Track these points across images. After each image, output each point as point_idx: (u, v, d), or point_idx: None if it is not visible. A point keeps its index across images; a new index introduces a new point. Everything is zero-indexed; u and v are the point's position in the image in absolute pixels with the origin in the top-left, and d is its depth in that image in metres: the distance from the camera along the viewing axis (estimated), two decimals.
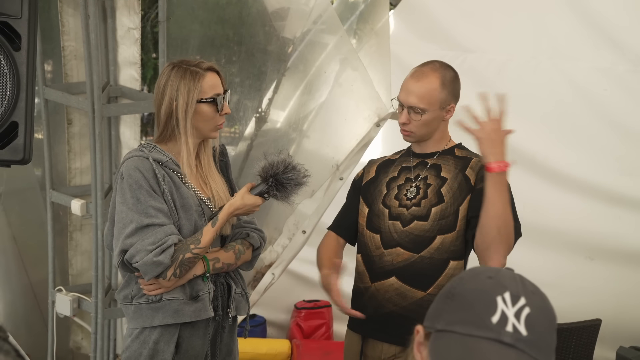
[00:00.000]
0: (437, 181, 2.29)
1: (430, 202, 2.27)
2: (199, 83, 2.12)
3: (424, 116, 2.26)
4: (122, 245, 2.06)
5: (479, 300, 0.98)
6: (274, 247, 3.60)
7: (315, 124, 3.61)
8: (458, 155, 2.33)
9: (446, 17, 3.91)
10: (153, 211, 2.05)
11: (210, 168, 2.23)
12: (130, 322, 2.19)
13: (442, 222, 2.25)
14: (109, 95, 3.17)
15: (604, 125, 3.84)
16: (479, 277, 1.02)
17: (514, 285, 1.00)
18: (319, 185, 3.29)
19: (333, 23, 3.46)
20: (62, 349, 3.49)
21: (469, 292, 1.00)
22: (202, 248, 2.10)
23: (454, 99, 2.31)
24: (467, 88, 3.80)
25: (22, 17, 1.55)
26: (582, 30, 3.78)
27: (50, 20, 3.19)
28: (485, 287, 1.00)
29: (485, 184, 2.12)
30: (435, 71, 2.28)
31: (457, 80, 2.32)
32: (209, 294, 2.16)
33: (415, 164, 2.36)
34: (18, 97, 1.57)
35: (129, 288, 2.18)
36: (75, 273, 3.54)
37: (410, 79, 2.30)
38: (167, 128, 2.15)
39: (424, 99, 2.25)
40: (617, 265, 3.84)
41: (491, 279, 1.01)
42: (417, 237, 2.26)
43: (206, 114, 2.14)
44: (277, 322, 4.23)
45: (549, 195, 3.85)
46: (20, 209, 3.66)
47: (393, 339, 2.25)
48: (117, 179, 2.12)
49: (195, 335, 2.16)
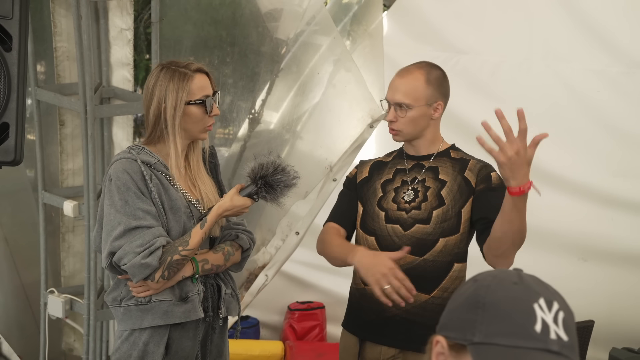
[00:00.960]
0: (436, 184, 2.28)
1: (431, 205, 2.26)
2: (188, 84, 2.10)
3: (410, 112, 2.26)
4: (110, 248, 2.05)
5: (516, 310, 0.98)
6: (267, 248, 3.59)
7: (309, 125, 3.61)
8: (454, 157, 2.33)
9: (439, 19, 3.91)
10: (141, 213, 2.04)
11: (199, 170, 2.22)
12: (119, 324, 2.18)
13: (444, 225, 2.24)
14: (102, 96, 3.16)
15: (598, 127, 3.85)
16: (504, 283, 1.01)
17: (543, 289, 1.00)
18: (313, 187, 3.29)
19: (326, 24, 3.46)
20: (54, 351, 3.47)
21: (502, 301, 0.99)
22: (190, 250, 2.09)
23: (442, 97, 2.30)
24: (460, 89, 3.80)
25: (13, 17, 1.55)
26: (575, 32, 3.79)
27: (43, 21, 3.17)
28: (518, 294, 0.99)
29: (505, 202, 2.03)
30: (420, 68, 2.30)
31: (444, 79, 2.32)
32: (199, 295, 2.15)
33: (411, 167, 2.34)
34: (9, 98, 1.57)
35: (117, 290, 2.17)
36: (67, 275, 3.53)
37: (396, 76, 2.32)
38: (155, 129, 2.14)
39: (409, 95, 2.26)
40: (610, 267, 3.85)
41: (517, 284, 1.00)
42: (419, 240, 2.24)
43: (195, 116, 2.13)
44: (271, 324, 4.22)
45: (543, 196, 3.83)
46: (12, 210, 3.65)
47: (392, 341, 2.24)
48: (106, 181, 2.12)
49: (185, 336, 2.15)
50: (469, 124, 3.86)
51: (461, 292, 1.05)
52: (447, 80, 2.33)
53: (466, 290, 1.03)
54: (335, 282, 3.80)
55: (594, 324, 3.43)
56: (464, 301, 1.02)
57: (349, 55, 3.41)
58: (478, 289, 1.02)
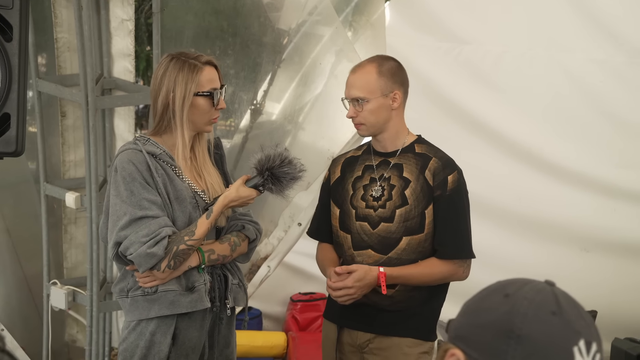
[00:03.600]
0: (400, 182, 2.32)
1: (394, 203, 2.31)
2: (197, 76, 2.11)
3: (367, 105, 2.29)
4: (116, 238, 2.05)
5: (555, 351, 0.93)
6: (270, 239, 3.59)
7: (311, 116, 3.61)
8: (418, 152, 2.35)
9: (442, 9, 3.89)
10: (147, 203, 2.05)
11: (205, 161, 2.23)
12: (127, 314, 2.18)
13: (407, 224, 2.29)
14: (103, 87, 3.15)
15: (600, 117, 3.83)
16: (542, 312, 0.95)
17: (583, 326, 0.95)
18: (315, 178, 3.28)
19: (328, 14, 3.45)
20: (57, 342, 3.48)
21: (540, 337, 0.93)
22: (196, 240, 2.09)
23: (397, 86, 2.32)
24: (463, 79, 3.79)
25: (13, 7, 1.54)
26: (578, 21, 3.77)
27: (44, 12, 3.16)
28: (557, 332, 0.93)
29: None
30: (372, 62, 2.34)
31: (398, 69, 2.34)
32: (205, 285, 2.15)
33: (378, 163, 2.38)
34: (10, 89, 1.56)
35: (124, 281, 2.17)
36: (69, 266, 3.53)
37: (350, 73, 2.36)
38: (163, 119, 2.15)
39: (362, 88, 2.30)
40: (612, 257, 3.84)
41: (556, 315, 0.95)
42: (384, 238, 2.31)
43: (202, 108, 2.13)
44: (273, 315, 4.22)
45: (545, 187, 3.85)
46: (14, 202, 3.65)
47: (366, 327, 2.36)
48: (112, 172, 2.13)
49: (192, 326, 2.15)
50: (472, 114, 3.86)
51: (488, 306, 0.97)
52: (403, 69, 2.36)
53: (497, 309, 0.96)
54: None
55: (596, 315, 3.42)
56: (493, 322, 0.95)
57: (351, 46, 3.40)
58: (513, 315, 0.95)
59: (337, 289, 2.26)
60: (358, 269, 2.26)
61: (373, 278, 2.25)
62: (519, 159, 3.81)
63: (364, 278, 2.24)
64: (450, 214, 2.29)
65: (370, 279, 2.24)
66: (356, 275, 2.24)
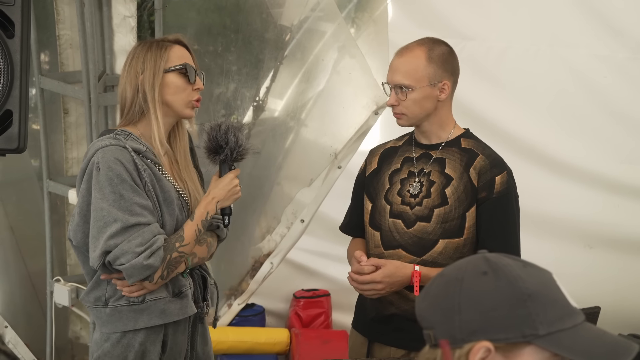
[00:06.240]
0: (441, 179, 2.10)
1: (432, 202, 2.09)
2: (166, 53, 1.96)
3: (412, 94, 2.06)
4: (104, 246, 1.88)
5: (554, 292, 0.99)
6: (273, 236, 3.59)
7: (314, 113, 3.60)
8: (464, 147, 2.13)
9: (444, 5, 3.88)
10: (138, 209, 1.89)
11: (187, 166, 2.08)
12: (104, 325, 2.02)
13: (445, 225, 2.08)
14: (105, 84, 3.15)
15: (604, 113, 3.82)
16: (517, 267, 1.00)
17: (540, 266, 1.03)
18: (317, 174, 3.28)
19: (331, 10, 3.44)
20: (61, 339, 3.48)
21: (540, 287, 0.99)
22: (186, 245, 1.97)
23: (448, 75, 2.09)
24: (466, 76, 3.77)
25: (15, 3, 1.54)
26: (581, 17, 3.76)
27: (46, 8, 3.16)
28: (543, 276, 1.01)
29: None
30: (421, 45, 2.10)
31: (450, 56, 2.11)
32: (190, 289, 2.06)
33: (419, 156, 2.16)
34: (12, 85, 1.56)
35: (100, 289, 2.02)
36: (73, 263, 3.53)
37: (395, 56, 2.13)
38: (134, 103, 1.97)
39: (408, 75, 2.06)
40: (616, 253, 3.84)
41: (526, 266, 1.01)
42: (420, 239, 2.10)
43: (175, 85, 1.97)
44: (276, 311, 4.22)
45: (548, 183, 3.84)
46: (17, 199, 3.65)
47: (400, 342, 2.13)
48: (91, 170, 1.91)
49: (179, 331, 2.07)
50: (475, 110, 3.85)
51: (482, 289, 0.99)
52: (455, 55, 2.13)
53: (494, 287, 0.98)
54: (341, 269, 3.78)
55: (600, 311, 3.42)
56: (499, 299, 0.97)
57: (353, 42, 3.39)
58: (511, 282, 0.98)
59: (364, 282, 2.05)
60: (387, 264, 2.05)
61: (405, 276, 2.04)
62: (523, 155, 3.79)
63: (394, 274, 2.04)
64: (498, 219, 2.05)
65: (401, 276, 2.04)
66: (386, 271, 2.04)
